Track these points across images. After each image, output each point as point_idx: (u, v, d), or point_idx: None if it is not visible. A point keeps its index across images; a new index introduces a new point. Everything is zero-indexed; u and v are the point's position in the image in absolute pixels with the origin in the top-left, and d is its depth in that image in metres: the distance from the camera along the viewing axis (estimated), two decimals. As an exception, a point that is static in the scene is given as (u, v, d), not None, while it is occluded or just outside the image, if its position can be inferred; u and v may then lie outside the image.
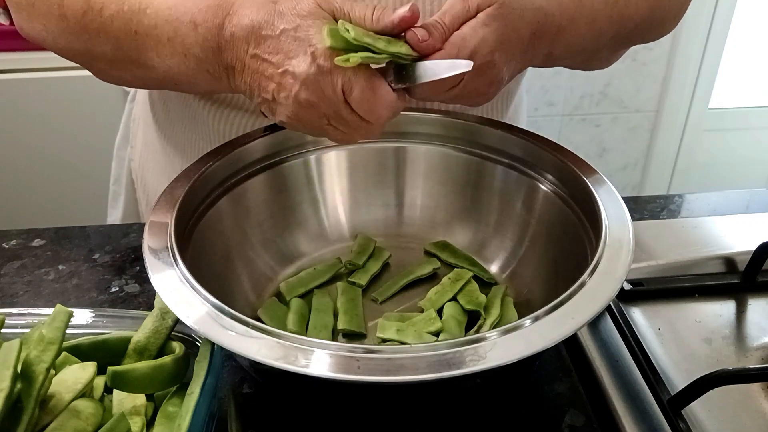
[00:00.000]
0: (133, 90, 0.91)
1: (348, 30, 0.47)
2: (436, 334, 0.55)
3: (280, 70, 0.50)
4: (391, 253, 0.65)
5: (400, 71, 0.50)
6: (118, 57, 0.58)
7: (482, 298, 0.58)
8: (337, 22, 0.48)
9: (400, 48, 0.49)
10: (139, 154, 0.86)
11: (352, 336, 0.57)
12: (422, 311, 0.58)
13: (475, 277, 0.62)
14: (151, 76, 0.59)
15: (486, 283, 0.61)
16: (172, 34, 0.54)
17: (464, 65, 0.48)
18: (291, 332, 0.42)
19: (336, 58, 0.47)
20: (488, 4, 0.52)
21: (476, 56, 0.51)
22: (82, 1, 0.56)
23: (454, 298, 0.59)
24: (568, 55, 0.61)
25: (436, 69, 0.49)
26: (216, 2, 0.52)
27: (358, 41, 0.47)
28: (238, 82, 0.53)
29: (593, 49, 0.63)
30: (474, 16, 0.52)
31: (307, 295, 0.60)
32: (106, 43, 0.58)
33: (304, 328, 0.57)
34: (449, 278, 0.60)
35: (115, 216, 0.93)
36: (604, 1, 0.60)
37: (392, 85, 0.50)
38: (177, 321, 0.47)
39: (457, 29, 0.51)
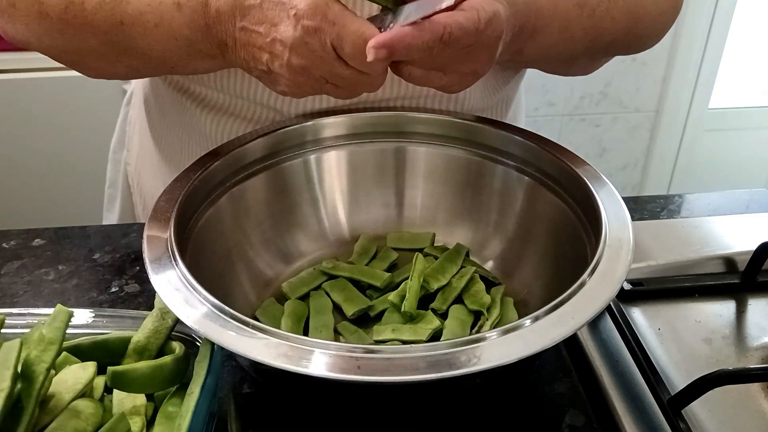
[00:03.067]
0: (128, 93, 0.90)
1: None
2: (435, 331, 0.55)
3: (268, 39, 0.49)
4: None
5: (390, 16, 0.49)
6: (107, 50, 0.57)
7: (486, 299, 0.58)
8: None
9: None
10: (135, 158, 0.85)
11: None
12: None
13: (481, 277, 0.62)
14: (147, 64, 0.57)
15: (488, 282, 0.61)
16: (158, 20, 0.53)
17: (447, 1, 0.47)
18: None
19: None
20: None
21: (482, 9, 0.49)
22: None
23: (460, 297, 0.59)
24: (539, 58, 0.60)
25: (424, 5, 0.48)
26: None
27: None
28: (233, 58, 0.53)
29: (567, 56, 0.62)
30: None
31: (305, 297, 0.60)
32: (92, 38, 0.56)
33: (299, 330, 0.57)
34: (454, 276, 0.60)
35: (110, 219, 0.93)
36: (579, 11, 0.59)
37: (383, 30, 0.48)
38: (177, 321, 0.47)
39: None
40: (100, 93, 1.44)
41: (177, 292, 0.45)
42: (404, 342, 0.54)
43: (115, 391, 0.46)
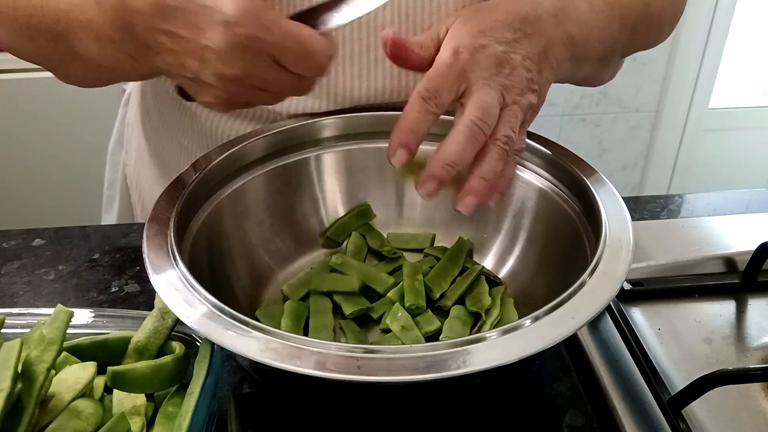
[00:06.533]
0: (126, 94, 0.90)
1: None
2: (435, 333, 0.55)
3: (196, 46, 0.45)
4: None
5: (322, 10, 0.47)
6: (60, 53, 0.55)
7: (487, 300, 0.58)
8: None
9: None
10: (133, 159, 0.85)
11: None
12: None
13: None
14: (93, 69, 0.56)
15: (489, 282, 0.61)
16: (83, 18, 0.51)
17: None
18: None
19: None
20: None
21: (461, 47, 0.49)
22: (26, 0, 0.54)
23: (461, 297, 0.59)
24: (589, 47, 0.57)
25: None
26: None
27: None
28: (159, 63, 0.49)
29: (609, 43, 0.61)
30: None
31: (305, 298, 0.60)
32: (44, 40, 0.55)
33: (299, 330, 0.56)
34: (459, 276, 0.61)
35: (109, 221, 0.93)
36: None
37: (319, 27, 0.46)
38: (177, 321, 0.47)
39: None
40: (99, 93, 1.44)
41: (177, 292, 0.45)
42: (404, 342, 0.54)
43: (115, 391, 0.46)
